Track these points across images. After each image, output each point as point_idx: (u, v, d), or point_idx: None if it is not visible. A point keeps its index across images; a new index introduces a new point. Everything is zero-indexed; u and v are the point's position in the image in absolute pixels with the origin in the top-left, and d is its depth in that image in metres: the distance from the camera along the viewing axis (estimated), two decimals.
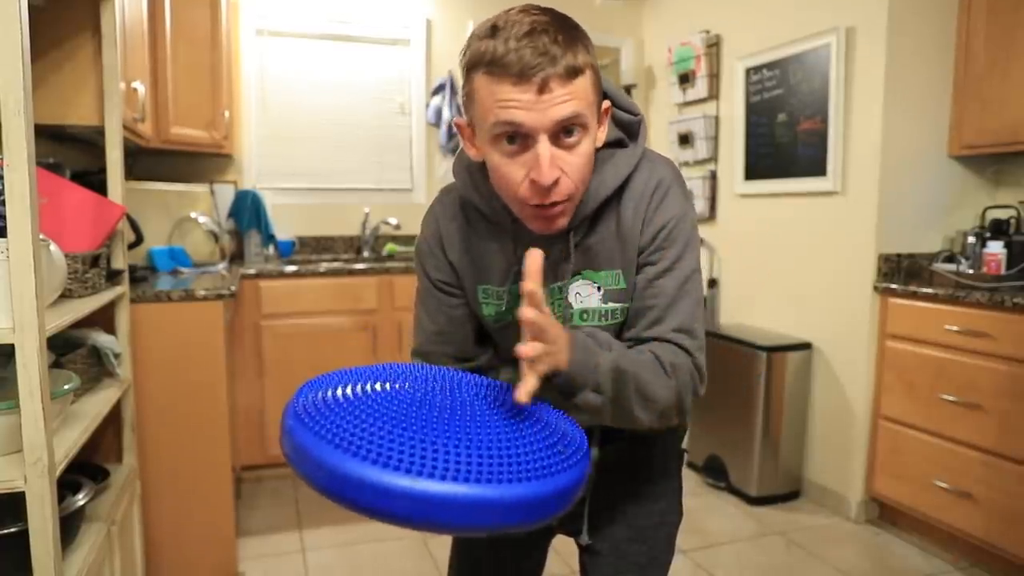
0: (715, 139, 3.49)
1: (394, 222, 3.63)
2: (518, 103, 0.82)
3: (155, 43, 2.54)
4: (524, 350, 0.75)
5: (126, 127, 1.98)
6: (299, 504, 2.88)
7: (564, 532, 1.16)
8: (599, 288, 1.00)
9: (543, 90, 0.81)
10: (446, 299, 1.08)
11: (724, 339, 3.04)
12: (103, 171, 1.84)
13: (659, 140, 3.93)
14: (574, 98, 0.83)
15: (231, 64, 3.29)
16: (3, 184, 1.11)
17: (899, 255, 2.68)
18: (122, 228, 1.90)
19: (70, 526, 1.41)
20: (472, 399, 0.79)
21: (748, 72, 3.20)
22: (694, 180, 3.57)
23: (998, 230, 2.56)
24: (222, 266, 2.92)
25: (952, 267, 2.60)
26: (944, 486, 2.39)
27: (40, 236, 1.14)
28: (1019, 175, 2.71)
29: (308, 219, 3.65)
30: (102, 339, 1.78)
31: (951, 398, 2.36)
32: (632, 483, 1.13)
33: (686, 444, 1.24)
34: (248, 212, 3.33)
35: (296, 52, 3.56)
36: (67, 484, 1.47)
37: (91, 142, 2.17)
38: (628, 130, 1.00)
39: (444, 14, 3.78)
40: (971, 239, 2.59)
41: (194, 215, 3.00)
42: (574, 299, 1.00)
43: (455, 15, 3.79)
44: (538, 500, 0.66)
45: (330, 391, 0.76)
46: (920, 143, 2.67)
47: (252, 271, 3.00)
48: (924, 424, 2.46)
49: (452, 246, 1.06)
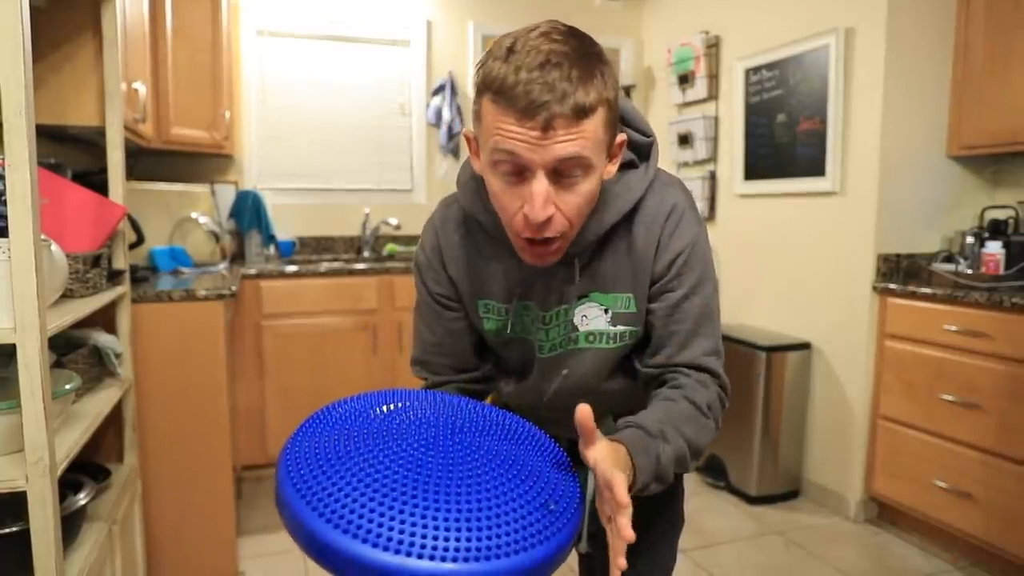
0: (714, 139, 3.49)
1: (394, 222, 3.63)
2: (520, 136, 0.79)
3: (156, 44, 2.54)
4: (625, 533, 0.70)
5: (127, 127, 1.98)
6: None
7: None
8: (607, 310, 1.00)
9: (547, 128, 0.78)
10: (444, 312, 1.07)
11: (723, 339, 3.02)
12: (104, 171, 1.85)
13: (659, 141, 3.93)
14: (580, 138, 0.79)
15: (232, 65, 3.29)
16: (4, 184, 1.11)
17: (898, 255, 2.69)
18: (123, 228, 1.90)
19: (71, 525, 1.41)
20: (464, 452, 0.76)
21: (747, 73, 3.21)
22: (694, 180, 3.57)
23: (997, 230, 2.56)
24: (223, 266, 2.93)
25: (951, 267, 2.61)
26: (943, 486, 2.39)
27: (41, 236, 1.14)
28: (1018, 175, 2.71)
29: (308, 219, 3.65)
30: (103, 339, 1.78)
31: (950, 398, 2.36)
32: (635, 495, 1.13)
33: None
34: (249, 212, 3.34)
35: (297, 53, 3.57)
36: (68, 483, 1.47)
37: (92, 142, 2.18)
38: (640, 151, 0.98)
39: (444, 15, 3.78)
40: (970, 239, 2.59)
41: (195, 215, 3.01)
42: (580, 321, 0.99)
43: (455, 16, 3.79)
44: (527, 571, 0.66)
45: (326, 441, 0.75)
46: (919, 143, 2.67)
47: (253, 271, 3.00)
48: (923, 424, 2.47)
49: (452, 260, 1.04)
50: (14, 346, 1.10)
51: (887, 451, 2.61)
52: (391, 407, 0.84)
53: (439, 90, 3.74)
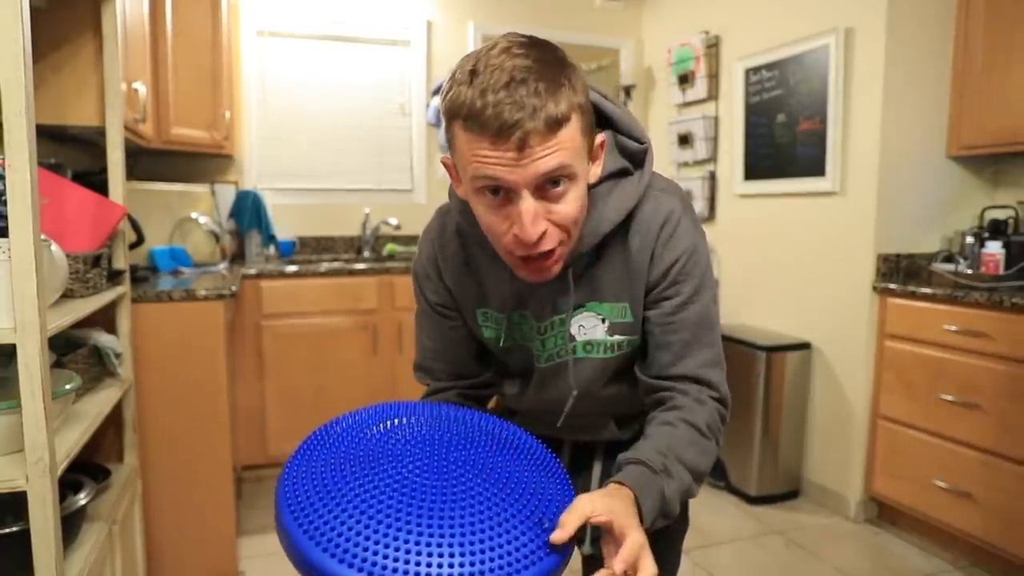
0: (714, 139, 3.49)
1: (394, 222, 3.63)
2: (497, 160, 0.78)
3: (156, 44, 2.54)
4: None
5: (127, 127, 1.98)
6: None
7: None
8: (604, 320, 0.98)
9: (523, 147, 0.76)
10: (443, 321, 1.08)
11: (723, 339, 3.01)
12: (104, 171, 1.85)
13: (659, 141, 3.94)
14: (559, 149, 0.78)
15: (232, 65, 3.29)
16: (4, 184, 1.11)
17: (898, 255, 2.69)
18: (123, 228, 1.90)
19: (71, 525, 1.41)
20: (460, 472, 0.78)
21: (747, 73, 3.21)
22: (693, 180, 3.57)
23: (996, 230, 2.56)
24: (223, 266, 2.93)
25: (951, 267, 2.61)
26: (943, 486, 2.39)
27: (41, 236, 1.14)
28: (1018, 175, 2.71)
29: (308, 219, 3.65)
30: (103, 339, 1.78)
31: (950, 398, 2.36)
32: None
33: None
34: (249, 212, 3.34)
35: (297, 53, 3.57)
36: (68, 483, 1.47)
37: (92, 142, 2.18)
38: (633, 159, 0.96)
39: (444, 15, 3.78)
40: (970, 239, 2.59)
41: (195, 215, 3.01)
42: (577, 331, 0.98)
43: (455, 16, 3.79)
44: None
45: (323, 466, 0.76)
46: (919, 143, 2.67)
47: (253, 271, 3.00)
48: (923, 424, 2.47)
49: (448, 270, 1.04)
50: (14, 346, 1.10)
51: (887, 451, 2.61)
52: (389, 424, 0.85)
53: (439, 90, 3.72)
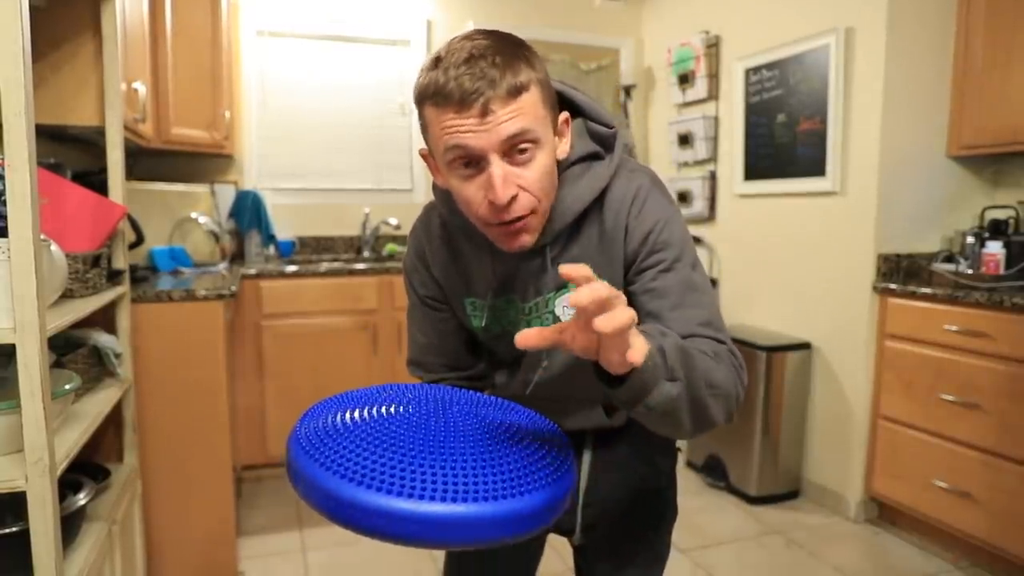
0: (714, 139, 3.49)
1: (394, 222, 3.63)
2: (463, 127, 0.83)
3: (156, 43, 2.54)
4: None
5: (127, 127, 1.98)
6: (299, 504, 2.88)
7: (558, 532, 1.15)
8: None
9: (485, 113, 0.82)
10: (433, 314, 1.11)
11: None
12: (104, 171, 1.85)
13: (659, 141, 3.94)
14: (519, 114, 0.83)
15: (232, 65, 3.29)
16: (4, 184, 1.11)
17: (898, 255, 2.69)
18: (123, 228, 1.90)
19: (71, 525, 1.41)
20: (462, 418, 0.84)
21: (747, 72, 3.21)
22: (694, 180, 3.57)
23: (997, 230, 2.56)
24: (223, 266, 2.93)
25: (951, 267, 2.61)
26: (943, 486, 2.39)
27: (41, 236, 1.14)
28: (1018, 175, 2.71)
29: (308, 219, 3.65)
30: (103, 339, 1.78)
31: (950, 398, 2.36)
32: (626, 484, 1.12)
33: (682, 444, 1.24)
34: (249, 212, 3.33)
35: (296, 53, 3.57)
36: (68, 483, 1.47)
37: (92, 142, 2.18)
38: (604, 143, 0.99)
39: (444, 15, 3.78)
40: (970, 239, 2.59)
41: (195, 215, 3.01)
42: (561, 313, 0.99)
43: (455, 15, 3.79)
44: (529, 513, 0.71)
45: (330, 418, 0.80)
46: (919, 143, 2.67)
47: (253, 271, 3.00)
48: (923, 424, 2.47)
49: (436, 262, 1.08)
50: (14, 346, 1.10)
51: (887, 451, 2.61)
52: (385, 410, 0.88)
53: None
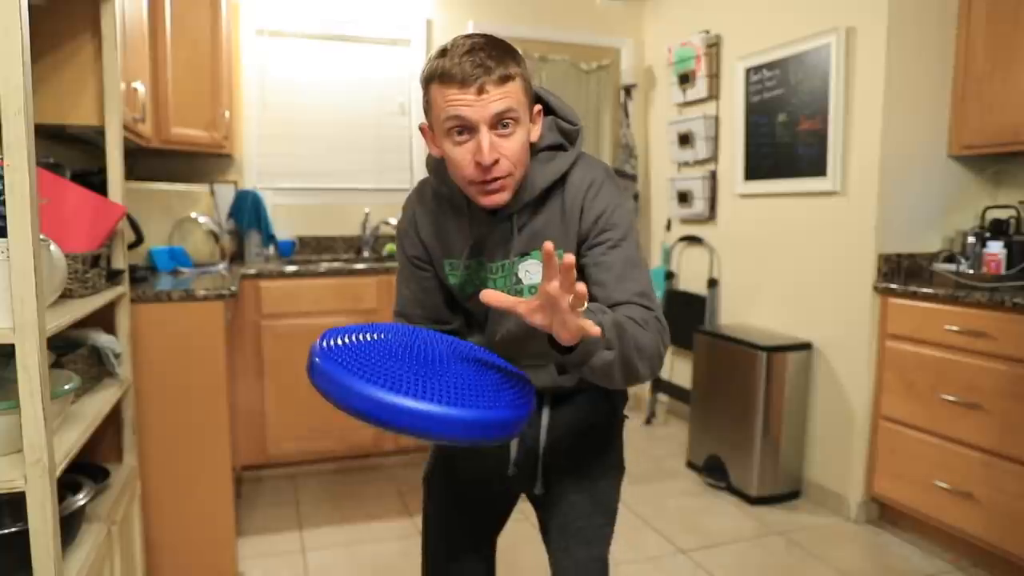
0: (715, 139, 3.49)
1: (394, 222, 3.63)
2: (462, 101, 1.04)
3: (155, 43, 2.54)
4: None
5: (126, 127, 1.98)
6: (299, 504, 2.88)
7: (522, 490, 1.34)
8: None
9: (481, 91, 1.03)
10: (417, 272, 1.28)
11: (724, 339, 3.04)
12: (103, 171, 1.84)
13: (659, 140, 3.93)
14: (506, 97, 1.05)
15: (231, 64, 3.29)
16: (3, 184, 1.10)
17: (899, 255, 2.68)
18: (122, 228, 1.90)
19: (70, 526, 1.41)
20: (447, 351, 1.05)
21: (748, 72, 3.20)
22: (694, 180, 3.57)
23: (998, 230, 2.55)
24: (222, 266, 2.92)
25: (952, 267, 2.60)
26: (944, 486, 2.39)
27: (40, 236, 1.14)
28: (1019, 175, 2.71)
29: (308, 219, 3.65)
30: (102, 339, 1.78)
31: (951, 398, 2.36)
32: (580, 442, 1.29)
33: (685, 442, 1.29)
34: (248, 212, 3.33)
35: (296, 52, 3.56)
36: (67, 484, 1.47)
37: (91, 142, 2.18)
38: (568, 137, 1.20)
39: (444, 14, 3.78)
40: (971, 239, 2.59)
41: (194, 215, 3.00)
42: (524, 276, 1.18)
43: (455, 15, 3.79)
44: (500, 422, 0.90)
45: (346, 337, 1.00)
46: (920, 143, 2.67)
47: (252, 271, 2.99)
48: (924, 424, 2.46)
49: (423, 227, 1.26)
50: (13, 346, 1.10)
51: (888, 451, 2.61)
52: (386, 335, 1.06)
53: None
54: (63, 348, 1.67)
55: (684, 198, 3.64)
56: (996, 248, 2.47)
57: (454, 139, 1.08)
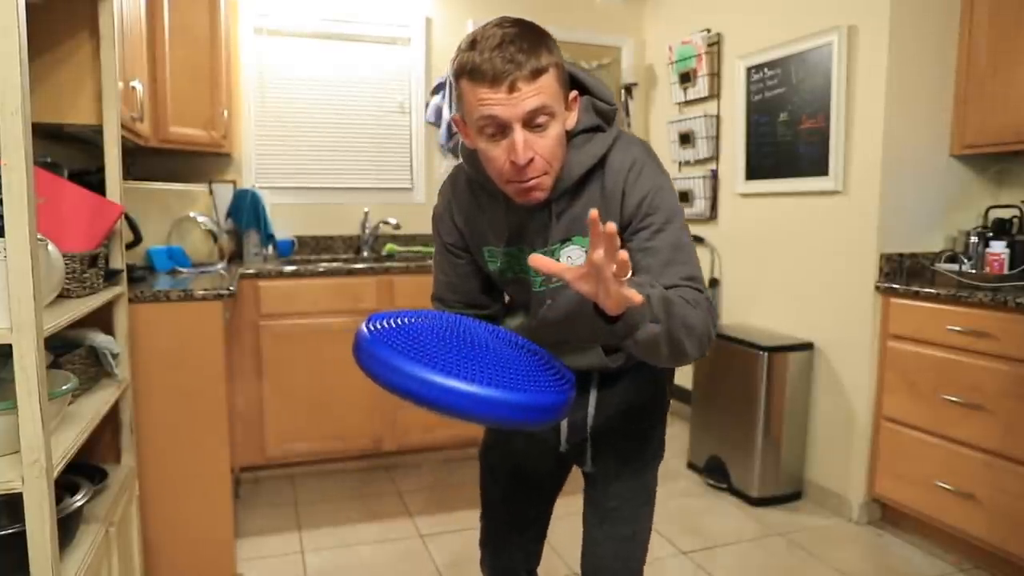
0: (716, 138, 3.48)
1: (394, 222, 3.62)
2: (494, 100, 1.01)
3: (153, 42, 2.53)
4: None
5: (124, 126, 1.97)
6: (298, 505, 2.87)
7: (574, 463, 1.38)
8: (586, 252, 1.10)
9: (512, 89, 1.00)
10: (452, 258, 1.30)
11: (725, 339, 3.04)
12: (101, 171, 1.83)
13: (660, 139, 3.93)
14: (539, 93, 1.02)
15: (230, 63, 3.28)
16: (0, 184, 1.10)
17: (901, 255, 2.68)
18: (120, 228, 1.89)
19: (68, 527, 1.40)
20: (488, 336, 1.06)
21: (749, 71, 3.20)
22: (695, 180, 3.56)
23: (1001, 230, 2.55)
24: (221, 266, 2.91)
25: (954, 267, 2.60)
26: (946, 487, 2.38)
27: (38, 236, 1.13)
28: (1022, 174, 2.70)
29: (307, 219, 3.64)
30: (100, 339, 1.77)
31: (953, 399, 2.35)
32: (626, 423, 1.31)
33: (686, 443, 1.32)
34: (247, 212, 3.32)
35: (295, 51, 3.55)
36: (65, 485, 1.47)
37: (89, 141, 2.16)
38: (605, 117, 1.16)
39: (444, 13, 3.77)
40: (973, 239, 2.58)
41: (193, 215, 2.99)
42: (566, 261, 1.16)
43: (455, 14, 3.78)
44: (545, 406, 0.91)
45: (392, 321, 1.02)
46: (922, 142, 2.66)
47: (251, 271, 2.99)
48: (926, 425, 2.46)
49: (460, 214, 1.27)
50: (10, 346, 1.09)
51: (890, 452, 2.60)
52: (432, 320, 1.08)
53: (439, 88, 3.72)
54: (61, 348, 1.66)
55: (685, 197, 3.64)
56: (999, 248, 2.46)
57: (487, 137, 1.06)
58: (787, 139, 3.02)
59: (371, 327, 0.98)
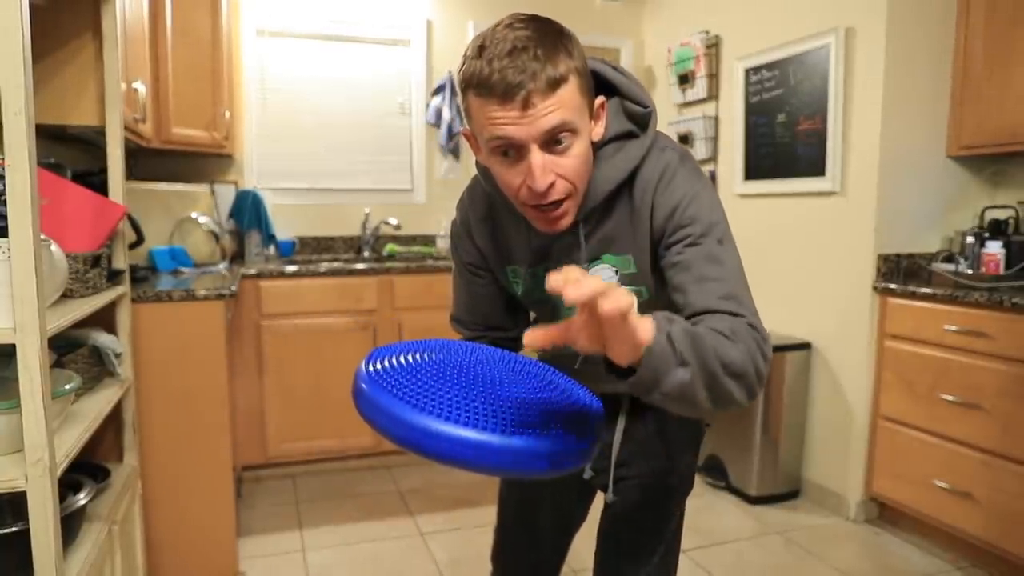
0: (714, 139, 3.49)
1: (394, 222, 3.63)
2: (506, 119, 0.86)
3: (156, 43, 2.54)
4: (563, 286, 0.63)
5: (127, 127, 1.98)
6: (299, 504, 2.88)
7: (597, 486, 1.25)
8: (617, 272, 1.05)
9: (527, 106, 0.85)
10: (472, 278, 1.19)
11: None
12: (104, 171, 1.84)
13: None
14: (559, 107, 0.86)
15: (232, 64, 3.29)
16: (4, 184, 1.11)
17: (898, 255, 2.69)
18: (123, 228, 1.90)
19: (71, 525, 1.41)
20: (504, 370, 0.92)
21: (748, 72, 3.21)
22: None
23: (997, 230, 2.56)
24: (223, 266, 2.92)
25: (951, 267, 2.61)
26: (944, 486, 2.39)
27: (41, 236, 1.14)
28: (1018, 175, 2.71)
29: (308, 219, 3.65)
30: (103, 339, 1.78)
31: (950, 398, 2.36)
32: (652, 455, 1.19)
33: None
34: (249, 212, 3.33)
35: (297, 52, 3.57)
36: (68, 483, 1.47)
37: (92, 142, 2.18)
38: (638, 122, 1.02)
39: (444, 14, 3.78)
40: (970, 239, 2.59)
41: (195, 215, 3.00)
42: None
43: (455, 15, 3.79)
44: (557, 453, 0.78)
45: (394, 359, 0.89)
46: (919, 143, 2.67)
47: (252, 271, 3.00)
48: (924, 424, 2.47)
49: (479, 232, 1.15)
50: (14, 346, 1.10)
51: (887, 451, 2.61)
52: (437, 355, 0.96)
53: (439, 90, 3.73)
54: (64, 348, 1.67)
55: None
56: (995, 248, 2.47)
57: (501, 159, 0.91)
58: (785, 140, 3.03)
59: (372, 367, 0.88)
